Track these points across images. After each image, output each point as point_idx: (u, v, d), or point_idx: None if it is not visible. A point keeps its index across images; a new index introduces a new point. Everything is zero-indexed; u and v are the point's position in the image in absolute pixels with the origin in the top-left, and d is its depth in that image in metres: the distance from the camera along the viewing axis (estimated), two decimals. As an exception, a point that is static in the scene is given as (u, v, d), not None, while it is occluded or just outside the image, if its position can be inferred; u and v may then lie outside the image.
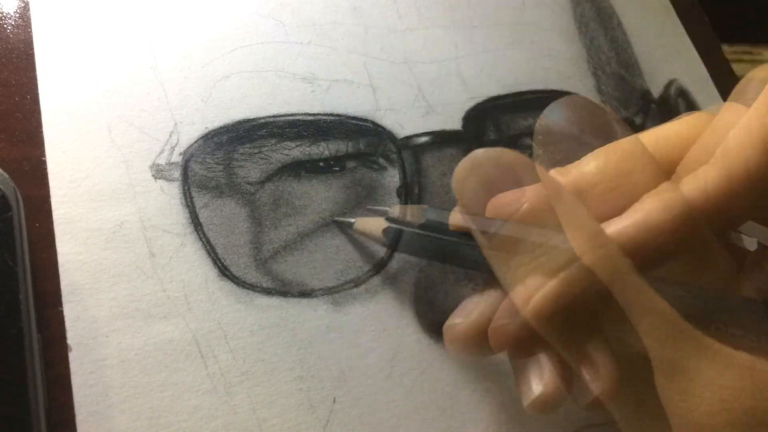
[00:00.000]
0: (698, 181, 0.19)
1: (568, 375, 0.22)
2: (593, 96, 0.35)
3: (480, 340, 0.23)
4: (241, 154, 0.27)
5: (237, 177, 0.26)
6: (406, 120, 0.29)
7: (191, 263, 0.25)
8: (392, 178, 0.28)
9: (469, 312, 0.23)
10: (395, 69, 0.30)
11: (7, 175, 0.22)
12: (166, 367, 0.24)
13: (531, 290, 0.20)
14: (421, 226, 0.25)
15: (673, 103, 0.37)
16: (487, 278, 0.23)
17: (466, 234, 0.23)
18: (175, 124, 0.26)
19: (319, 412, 0.25)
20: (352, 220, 0.27)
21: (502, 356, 0.27)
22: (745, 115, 0.19)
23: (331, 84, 0.29)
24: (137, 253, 0.24)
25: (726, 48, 0.42)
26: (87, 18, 0.27)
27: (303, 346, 0.25)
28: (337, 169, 0.28)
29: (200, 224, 0.25)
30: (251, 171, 0.27)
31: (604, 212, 0.20)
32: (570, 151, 0.24)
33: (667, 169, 0.21)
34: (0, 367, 0.21)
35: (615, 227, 0.20)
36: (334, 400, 0.25)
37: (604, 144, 0.22)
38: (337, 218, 0.27)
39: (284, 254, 0.26)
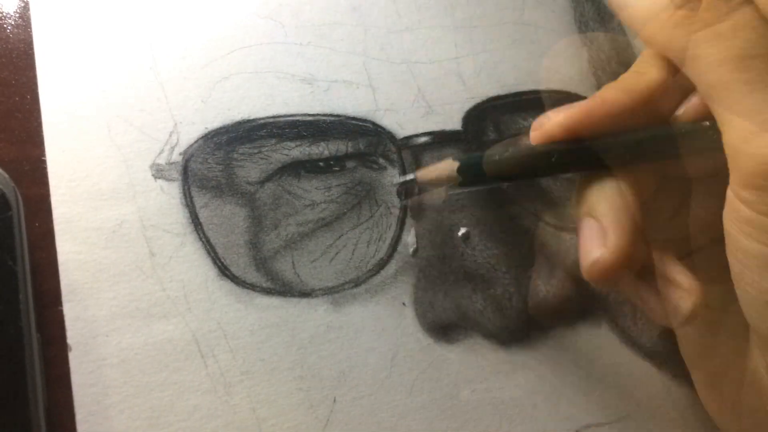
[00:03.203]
0: None
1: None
2: (593, 96, 0.34)
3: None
4: (241, 154, 0.27)
5: (237, 177, 0.26)
6: (405, 120, 0.29)
7: (191, 263, 0.25)
8: (392, 178, 0.28)
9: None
10: (395, 69, 0.30)
11: (6, 175, 0.23)
12: (165, 367, 0.24)
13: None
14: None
15: (673, 103, 0.37)
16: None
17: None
18: (175, 124, 0.26)
19: (319, 412, 0.25)
20: (412, 176, 0.26)
21: (501, 355, 0.27)
22: None
23: (331, 84, 0.29)
24: (137, 253, 0.24)
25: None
26: (87, 18, 0.27)
27: (303, 346, 0.25)
28: (336, 169, 0.28)
29: (200, 224, 0.25)
30: (251, 171, 0.27)
31: None
32: None
33: None
34: (0, 366, 0.21)
35: None
36: (334, 400, 0.25)
37: None
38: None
39: (284, 254, 0.26)
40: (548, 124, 0.22)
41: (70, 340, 0.23)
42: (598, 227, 0.22)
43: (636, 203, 0.22)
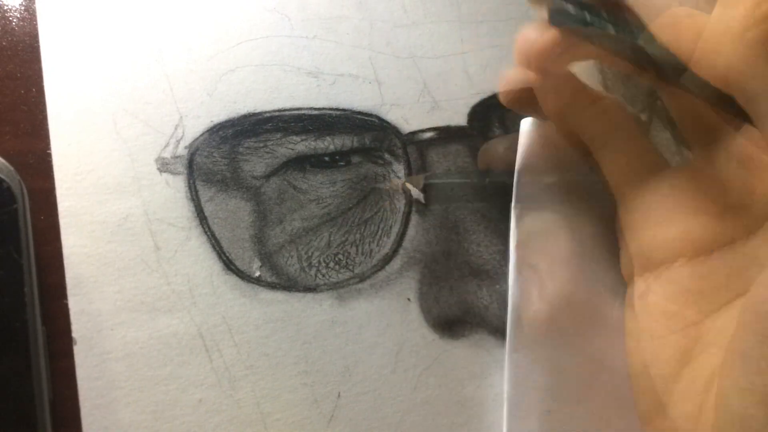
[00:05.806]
0: None
1: None
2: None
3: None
4: (247, 147, 0.27)
5: (242, 171, 0.26)
6: (411, 115, 0.29)
7: (196, 257, 0.25)
8: (397, 173, 0.28)
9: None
10: (401, 64, 0.30)
11: (12, 168, 0.22)
12: (170, 361, 0.24)
13: None
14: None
15: (679, 100, 0.37)
16: None
17: None
18: (180, 117, 0.26)
19: (323, 406, 0.25)
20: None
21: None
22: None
23: (337, 78, 0.29)
24: (142, 247, 0.24)
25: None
26: (92, 10, 0.27)
27: (308, 341, 0.25)
28: (342, 163, 0.28)
29: (205, 218, 0.25)
30: (256, 165, 0.27)
31: None
32: None
33: None
34: (5, 360, 0.21)
35: None
36: (339, 395, 0.25)
37: None
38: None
39: (289, 249, 0.26)
40: None
41: (75, 334, 0.23)
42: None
43: None
